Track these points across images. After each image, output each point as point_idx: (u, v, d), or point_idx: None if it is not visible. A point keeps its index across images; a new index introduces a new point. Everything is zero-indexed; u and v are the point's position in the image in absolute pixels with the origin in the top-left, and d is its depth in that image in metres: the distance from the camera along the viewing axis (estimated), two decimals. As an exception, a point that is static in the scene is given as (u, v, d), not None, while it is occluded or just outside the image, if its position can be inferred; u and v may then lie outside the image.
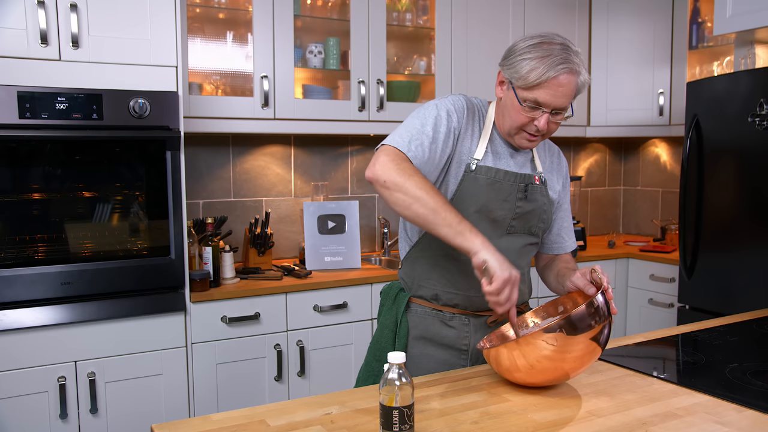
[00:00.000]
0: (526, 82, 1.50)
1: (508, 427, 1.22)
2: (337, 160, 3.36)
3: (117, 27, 2.30)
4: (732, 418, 1.25)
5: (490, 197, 1.58)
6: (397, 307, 1.68)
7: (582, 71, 1.52)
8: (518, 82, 1.52)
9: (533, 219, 1.65)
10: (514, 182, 1.61)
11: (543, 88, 1.49)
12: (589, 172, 4.14)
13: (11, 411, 2.20)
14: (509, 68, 1.54)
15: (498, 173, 1.59)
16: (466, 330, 1.64)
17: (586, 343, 1.30)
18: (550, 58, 1.47)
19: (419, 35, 3.36)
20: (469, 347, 1.64)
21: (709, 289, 2.88)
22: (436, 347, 1.65)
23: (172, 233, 2.41)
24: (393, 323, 1.68)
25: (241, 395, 2.58)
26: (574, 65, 1.49)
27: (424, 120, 1.54)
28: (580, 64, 1.51)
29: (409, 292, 1.69)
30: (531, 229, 1.66)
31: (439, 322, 1.65)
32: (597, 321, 1.31)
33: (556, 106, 1.52)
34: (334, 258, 2.98)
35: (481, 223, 1.56)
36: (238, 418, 1.26)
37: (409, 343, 1.66)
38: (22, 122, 2.16)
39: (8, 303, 2.18)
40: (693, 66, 3.50)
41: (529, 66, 1.49)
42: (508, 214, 1.60)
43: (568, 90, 1.50)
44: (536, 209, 1.64)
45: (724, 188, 2.81)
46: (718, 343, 1.78)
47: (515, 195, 1.60)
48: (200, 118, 2.70)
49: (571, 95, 1.52)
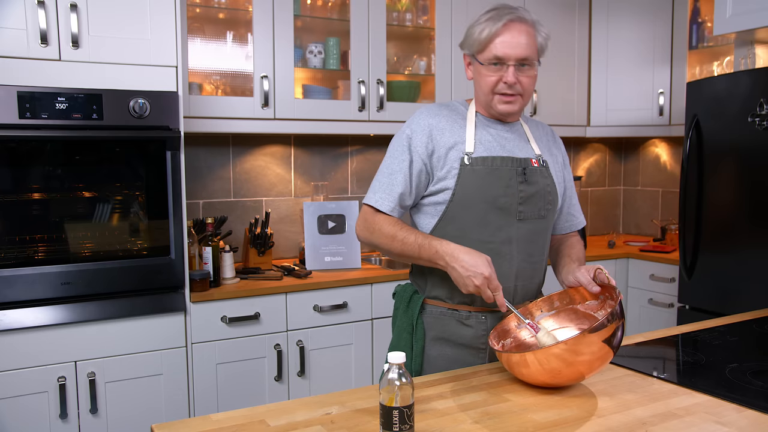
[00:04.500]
0: (480, 41, 1.58)
1: (508, 427, 1.22)
2: (337, 160, 3.36)
3: (117, 27, 2.30)
4: (732, 418, 1.25)
5: (492, 185, 1.59)
6: (412, 310, 1.68)
7: (534, 21, 1.60)
8: (476, 48, 1.60)
9: (540, 201, 1.64)
10: (512, 166, 1.61)
11: (496, 41, 1.56)
12: (589, 172, 4.14)
13: (11, 411, 2.20)
14: (465, 42, 1.64)
15: (494, 161, 1.61)
16: (483, 329, 1.63)
17: (599, 346, 1.31)
18: (496, 15, 1.57)
19: (419, 35, 3.36)
20: (487, 346, 1.63)
21: (709, 289, 2.88)
22: (453, 347, 1.64)
23: (172, 233, 2.41)
24: (409, 326, 1.67)
25: (241, 395, 2.58)
26: (521, 15, 1.58)
27: (391, 161, 1.64)
28: (531, 17, 1.60)
29: (423, 294, 1.69)
30: (540, 212, 1.65)
31: (456, 321, 1.64)
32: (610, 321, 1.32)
33: (516, 57, 1.56)
34: (334, 258, 2.98)
35: (490, 214, 1.59)
36: (238, 418, 1.25)
37: (427, 344, 1.65)
38: (22, 122, 2.16)
39: (8, 303, 2.18)
40: (693, 66, 3.49)
41: (479, 29, 1.58)
42: (513, 200, 1.60)
43: (522, 38, 1.57)
44: (539, 191, 1.64)
45: (724, 188, 2.81)
46: (718, 343, 1.77)
47: (515, 179, 1.61)
48: (200, 118, 2.70)
49: (529, 44, 1.58)
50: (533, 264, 1.66)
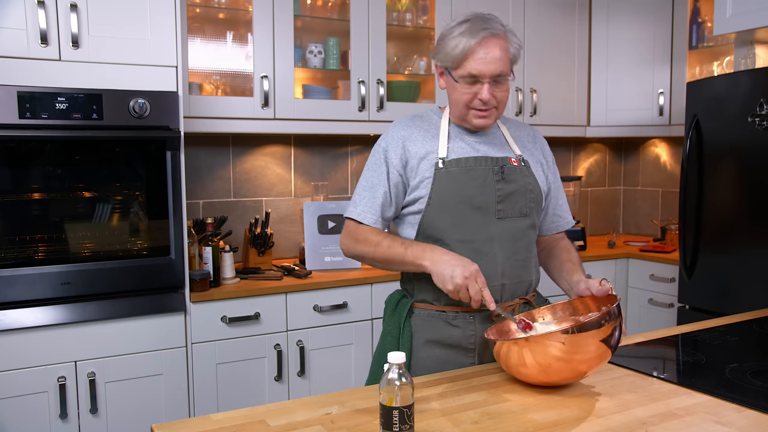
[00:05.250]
0: (454, 58, 1.55)
1: (508, 427, 1.22)
2: (337, 160, 3.36)
3: (117, 27, 2.30)
4: (732, 418, 1.25)
5: (467, 185, 1.60)
6: (399, 313, 1.68)
7: (507, 34, 1.58)
8: (449, 64, 1.58)
9: (520, 200, 1.64)
10: (487, 165, 1.62)
11: (471, 59, 1.54)
12: (589, 172, 4.14)
13: (11, 411, 2.20)
14: (438, 55, 1.61)
15: (468, 161, 1.62)
16: (471, 328, 1.63)
17: (597, 345, 1.31)
18: (469, 29, 1.54)
19: (419, 35, 3.36)
20: (475, 345, 1.64)
21: (709, 289, 2.88)
22: (442, 348, 1.64)
23: (172, 233, 2.41)
24: (396, 329, 1.68)
25: (241, 395, 2.58)
26: (496, 29, 1.55)
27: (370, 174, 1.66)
28: (504, 28, 1.57)
29: (411, 298, 1.70)
30: (522, 210, 1.65)
31: (443, 322, 1.65)
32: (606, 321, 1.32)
33: (491, 74, 1.55)
34: (334, 258, 2.98)
35: (467, 213, 1.59)
36: (238, 418, 1.26)
37: (415, 347, 1.65)
38: (22, 122, 2.16)
39: (8, 303, 2.18)
40: (693, 66, 3.49)
41: (452, 43, 1.55)
42: (491, 199, 1.61)
43: (496, 54, 1.55)
44: (520, 189, 1.64)
45: (724, 188, 2.81)
46: (718, 343, 1.77)
47: (492, 178, 1.61)
48: (200, 118, 2.70)
49: (503, 59, 1.56)
50: (520, 262, 1.65)
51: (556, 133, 3.55)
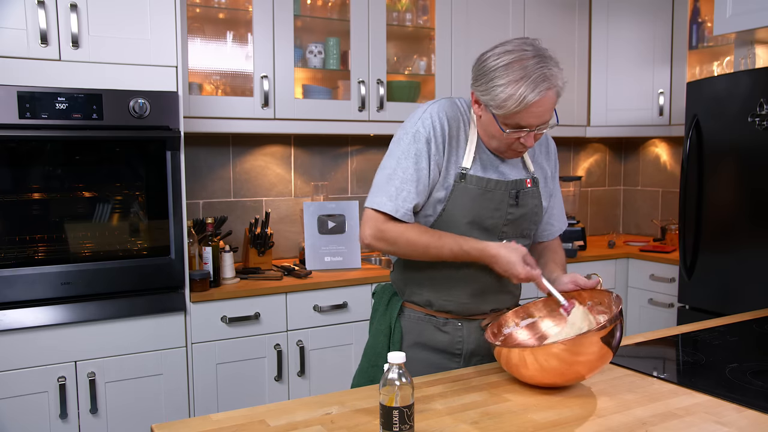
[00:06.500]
0: (506, 110, 1.41)
1: (508, 427, 1.22)
2: (337, 160, 3.36)
3: (117, 27, 2.30)
4: (732, 418, 1.25)
5: (482, 206, 1.56)
6: (391, 313, 1.68)
7: (560, 80, 1.42)
8: (497, 110, 1.43)
9: (525, 222, 1.64)
10: (506, 190, 1.58)
11: (524, 113, 1.41)
12: (589, 172, 4.14)
13: (11, 411, 2.20)
14: (484, 93, 1.45)
15: (489, 183, 1.55)
16: (460, 335, 1.64)
17: (599, 346, 1.31)
18: (525, 80, 1.38)
19: (419, 35, 3.36)
20: (462, 351, 1.65)
21: (709, 289, 2.88)
22: (429, 351, 1.65)
23: (172, 233, 2.41)
24: (387, 329, 1.68)
25: (241, 395, 2.58)
26: (553, 79, 1.40)
27: (405, 164, 1.50)
28: (558, 71, 1.42)
29: (402, 297, 1.69)
30: (523, 232, 1.65)
31: (433, 327, 1.65)
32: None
33: (540, 123, 1.46)
34: (334, 258, 2.98)
35: (472, 233, 1.57)
36: (238, 418, 1.26)
37: (404, 348, 1.66)
38: (22, 122, 2.15)
39: (8, 303, 2.18)
40: (693, 66, 3.49)
41: (505, 94, 1.39)
42: (500, 221, 1.59)
43: (550, 106, 1.44)
44: (528, 213, 1.63)
45: (724, 188, 2.81)
46: (718, 343, 1.78)
47: (506, 202, 1.58)
48: (200, 118, 2.70)
49: (554, 107, 1.46)
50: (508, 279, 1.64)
51: (555, 133, 3.51)
